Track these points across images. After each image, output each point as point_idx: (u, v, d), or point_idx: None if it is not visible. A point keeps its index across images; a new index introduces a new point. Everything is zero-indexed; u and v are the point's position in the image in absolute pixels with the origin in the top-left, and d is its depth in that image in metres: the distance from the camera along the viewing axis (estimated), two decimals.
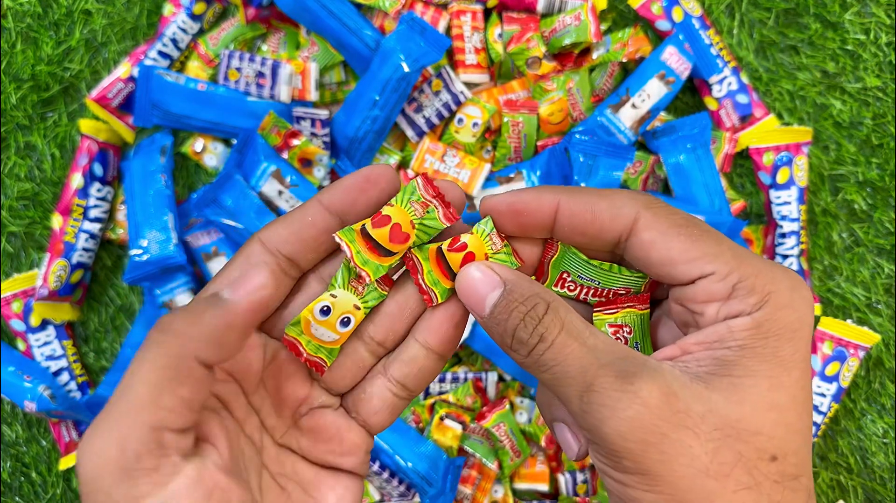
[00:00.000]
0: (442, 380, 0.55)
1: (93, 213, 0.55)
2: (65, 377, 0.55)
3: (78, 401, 0.53)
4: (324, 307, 0.27)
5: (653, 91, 0.53)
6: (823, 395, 0.53)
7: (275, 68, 0.53)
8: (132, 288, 0.57)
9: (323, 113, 0.53)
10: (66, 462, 0.55)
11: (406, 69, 0.51)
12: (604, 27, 0.56)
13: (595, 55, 0.55)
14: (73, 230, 0.54)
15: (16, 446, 0.56)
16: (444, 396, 0.55)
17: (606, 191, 0.26)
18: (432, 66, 0.54)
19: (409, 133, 0.55)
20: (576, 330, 0.24)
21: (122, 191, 0.56)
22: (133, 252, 0.52)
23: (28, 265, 0.57)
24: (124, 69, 0.55)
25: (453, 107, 0.54)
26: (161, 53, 0.55)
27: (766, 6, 0.56)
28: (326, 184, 0.54)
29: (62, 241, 0.54)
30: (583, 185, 0.52)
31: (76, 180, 0.54)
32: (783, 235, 0.54)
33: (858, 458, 0.55)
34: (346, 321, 0.27)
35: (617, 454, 0.23)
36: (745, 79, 0.55)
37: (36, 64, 0.56)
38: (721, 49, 0.55)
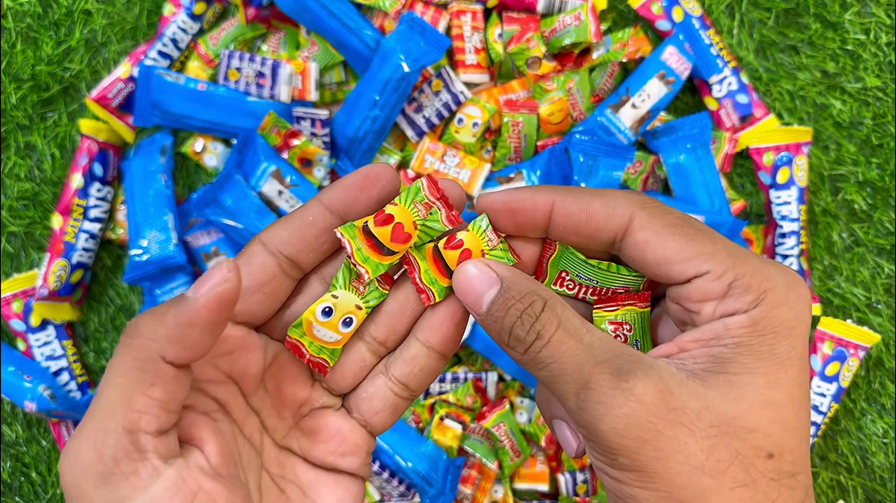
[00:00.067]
0: (442, 380, 0.55)
1: (93, 213, 0.55)
2: (65, 377, 0.55)
3: (78, 401, 0.53)
4: (326, 308, 0.27)
5: (653, 91, 0.53)
6: (823, 395, 0.53)
7: (275, 68, 0.53)
8: (132, 288, 0.57)
9: (323, 113, 0.53)
10: None
11: (406, 69, 0.51)
12: (604, 27, 0.56)
13: (595, 55, 0.55)
14: (73, 230, 0.54)
15: (16, 446, 0.56)
16: (444, 396, 0.55)
17: (601, 190, 0.26)
18: (432, 66, 0.54)
19: (409, 133, 0.55)
20: (572, 327, 0.24)
21: (122, 191, 0.56)
22: (133, 252, 0.52)
23: (28, 265, 0.57)
24: (124, 69, 0.55)
25: (453, 107, 0.54)
26: (161, 53, 0.55)
27: (766, 6, 0.56)
28: (326, 184, 0.54)
29: (62, 241, 0.54)
30: (582, 185, 0.52)
31: (76, 180, 0.54)
32: (783, 235, 0.54)
33: (858, 458, 0.55)
34: (348, 321, 0.27)
35: (613, 451, 0.23)
36: (745, 79, 0.55)
37: (36, 64, 0.56)
38: (721, 49, 0.55)
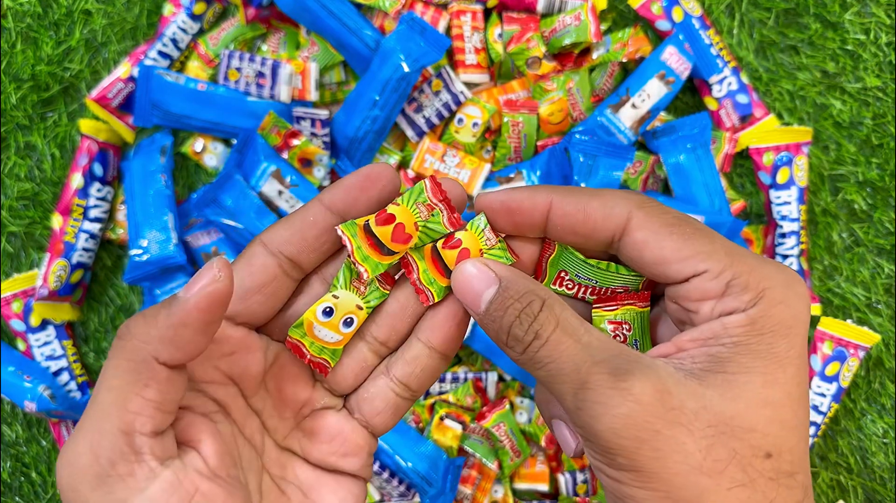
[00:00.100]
0: (442, 380, 0.55)
1: (93, 213, 0.55)
2: (65, 377, 0.55)
3: (78, 401, 0.53)
4: (326, 308, 0.27)
5: (653, 91, 0.53)
6: (823, 395, 0.53)
7: (275, 68, 0.53)
8: (132, 288, 0.57)
9: (323, 113, 0.53)
10: None
11: (406, 69, 0.51)
12: (604, 27, 0.56)
13: (595, 55, 0.55)
14: (73, 230, 0.54)
15: (16, 446, 0.56)
16: (444, 396, 0.55)
17: (599, 190, 0.26)
18: (432, 66, 0.54)
19: (409, 133, 0.55)
20: (571, 327, 0.24)
21: (122, 191, 0.56)
22: (133, 252, 0.52)
23: (28, 265, 0.57)
24: (124, 69, 0.55)
25: (453, 107, 0.54)
26: (161, 53, 0.55)
27: (766, 6, 0.56)
28: (326, 184, 0.54)
29: (62, 241, 0.54)
30: (582, 185, 0.52)
31: (76, 180, 0.54)
32: (783, 235, 0.54)
33: (858, 458, 0.55)
34: (349, 321, 0.27)
35: (611, 451, 0.23)
36: (745, 79, 0.55)
37: (36, 64, 0.56)
38: (721, 49, 0.55)
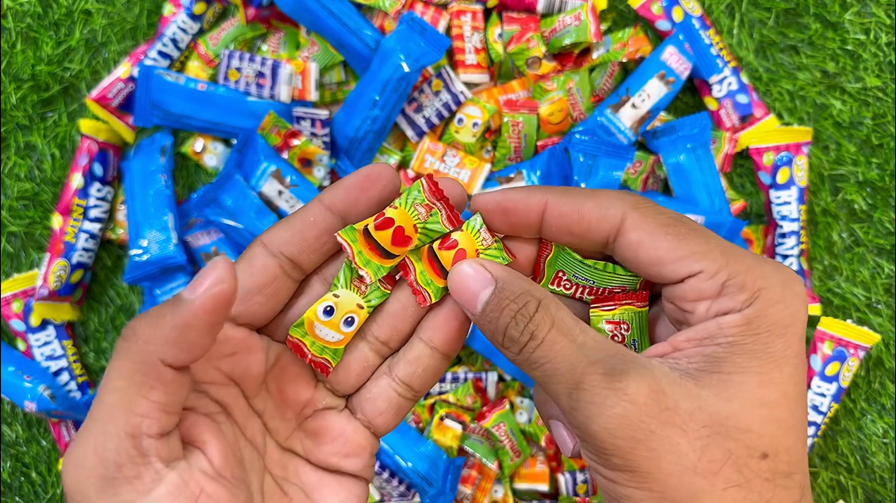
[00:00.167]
0: (442, 380, 0.55)
1: (93, 213, 0.55)
2: (65, 377, 0.55)
3: (78, 401, 0.53)
4: (327, 307, 0.27)
5: (653, 91, 0.53)
6: (823, 395, 0.53)
7: (275, 68, 0.53)
8: (132, 288, 0.57)
9: (323, 113, 0.53)
10: None
11: (406, 69, 0.51)
12: (604, 27, 0.56)
13: (595, 55, 0.55)
14: (73, 230, 0.54)
15: (16, 446, 0.56)
16: (444, 396, 0.55)
17: (594, 191, 0.26)
18: (432, 66, 0.54)
19: (409, 133, 0.55)
20: (566, 327, 0.24)
21: (122, 191, 0.56)
22: (133, 252, 0.52)
23: (28, 265, 0.57)
24: (124, 69, 0.55)
25: (453, 107, 0.54)
26: (161, 53, 0.55)
27: (766, 6, 0.56)
28: (326, 184, 0.54)
29: (62, 241, 0.54)
30: (582, 185, 0.52)
31: (76, 180, 0.54)
32: (783, 235, 0.54)
33: (858, 458, 0.55)
34: (350, 321, 0.27)
35: (606, 451, 0.23)
36: (745, 79, 0.55)
37: (36, 64, 0.56)
38: (721, 49, 0.55)
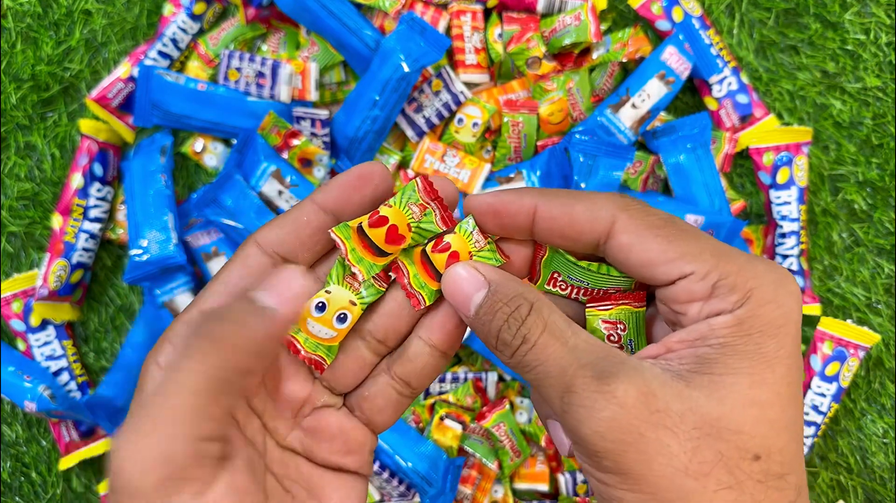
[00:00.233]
0: (442, 380, 0.55)
1: (93, 213, 0.55)
2: (65, 377, 0.55)
3: (78, 401, 0.53)
4: (319, 303, 0.27)
5: (653, 91, 0.53)
6: (823, 395, 0.53)
7: (275, 68, 0.53)
8: (132, 288, 0.57)
9: (323, 113, 0.53)
10: (67, 462, 0.55)
11: (406, 69, 0.51)
12: (604, 27, 0.56)
13: (595, 55, 0.55)
14: (73, 230, 0.54)
15: (16, 446, 0.56)
16: (444, 396, 0.55)
17: (585, 193, 0.26)
18: (432, 66, 0.54)
19: (409, 133, 0.55)
20: (558, 330, 0.24)
21: (122, 191, 0.56)
22: (133, 252, 0.52)
23: (28, 265, 0.57)
24: (124, 69, 0.55)
25: (453, 107, 0.54)
26: (161, 53, 0.55)
27: (766, 6, 0.56)
28: None
29: (62, 241, 0.54)
30: (582, 185, 0.52)
31: (76, 180, 0.54)
32: (783, 235, 0.54)
33: (858, 458, 0.55)
34: (343, 317, 0.27)
35: (597, 454, 0.23)
36: (745, 79, 0.55)
37: (36, 64, 0.56)
38: (721, 49, 0.55)
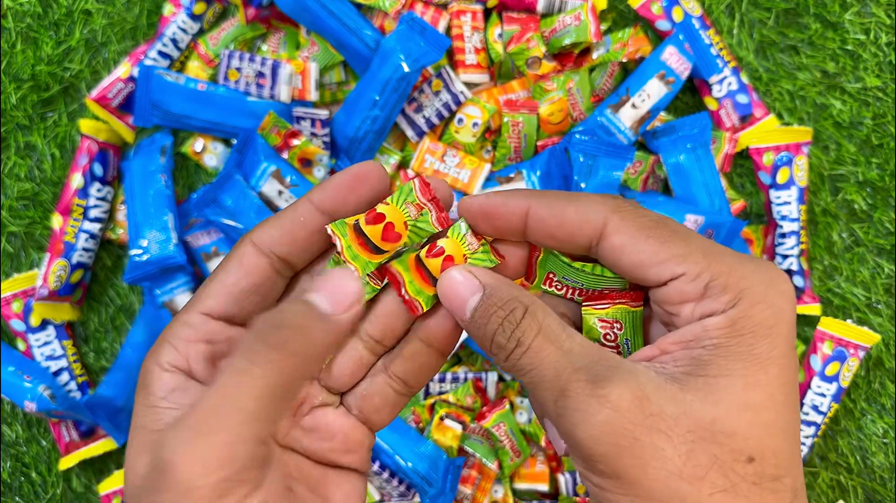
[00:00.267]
0: (442, 380, 0.55)
1: (93, 213, 0.55)
2: (65, 377, 0.55)
3: (78, 401, 0.53)
4: None
5: (653, 91, 0.53)
6: (823, 395, 0.53)
7: (275, 68, 0.53)
8: (132, 288, 0.57)
9: (323, 113, 0.53)
10: (67, 462, 0.55)
11: (406, 69, 0.51)
12: (604, 27, 0.56)
13: (595, 55, 0.55)
14: (73, 230, 0.54)
15: (16, 446, 0.56)
16: (444, 396, 0.55)
17: (577, 195, 0.26)
18: (432, 66, 0.54)
19: (409, 133, 0.55)
20: (553, 333, 0.24)
21: (122, 191, 0.56)
22: (133, 252, 0.52)
23: (28, 265, 0.57)
24: (124, 69, 0.55)
25: (453, 107, 0.54)
26: (161, 53, 0.55)
27: (766, 6, 0.56)
28: None
29: (62, 241, 0.54)
30: (582, 185, 0.52)
31: (76, 180, 0.54)
32: (783, 235, 0.54)
33: (858, 458, 0.55)
34: None
35: (592, 458, 0.23)
36: (745, 79, 0.55)
37: (36, 64, 0.56)
38: (721, 49, 0.55)
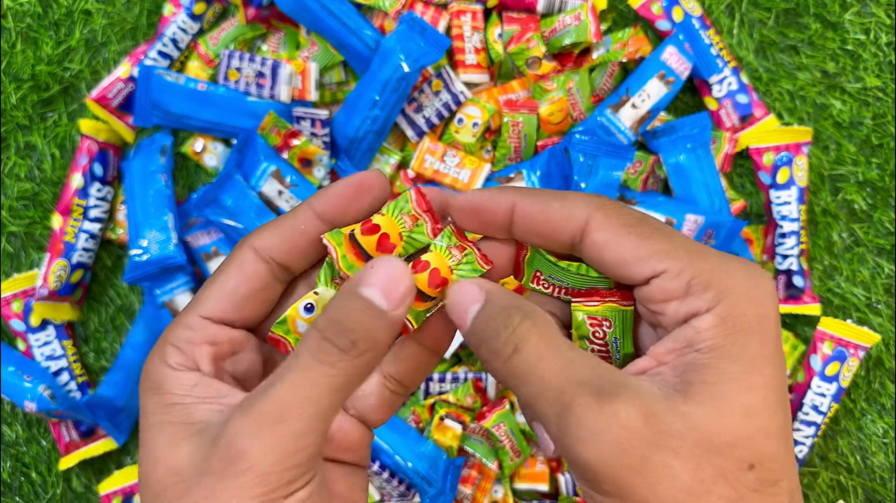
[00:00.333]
0: (442, 380, 0.55)
1: (93, 213, 0.55)
2: (65, 377, 0.55)
3: (78, 401, 0.53)
4: (308, 304, 0.27)
5: (653, 91, 0.53)
6: (823, 395, 0.53)
7: (275, 68, 0.53)
8: (132, 288, 0.57)
9: (323, 113, 0.53)
10: (67, 462, 0.55)
11: (406, 69, 0.51)
12: (604, 27, 0.56)
13: (595, 55, 0.55)
14: (73, 230, 0.54)
15: (16, 446, 0.56)
16: (444, 396, 0.55)
17: (562, 192, 0.26)
18: (432, 66, 0.54)
19: (409, 133, 0.55)
20: (553, 341, 0.24)
21: (122, 191, 0.56)
22: (133, 252, 0.52)
23: (28, 265, 0.57)
24: (124, 69, 0.55)
25: (453, 107, 0.54)
26: (161, 53, 0.55)
27: (766, 6, 0.56)
28: (326, 184, 0.54)
29: (62, 241, 0.54)
30: (582, 185, 0.52)
31: (76, 180, 0.54)
32: (783, 235, 0.54)
33: (858, 458, 0.55)
34: None
35: (597, 478, 0.22)
36: (745, 79, 0.55)
37: (36, 64, 0.56)
38: (721, 49, 0.55)
